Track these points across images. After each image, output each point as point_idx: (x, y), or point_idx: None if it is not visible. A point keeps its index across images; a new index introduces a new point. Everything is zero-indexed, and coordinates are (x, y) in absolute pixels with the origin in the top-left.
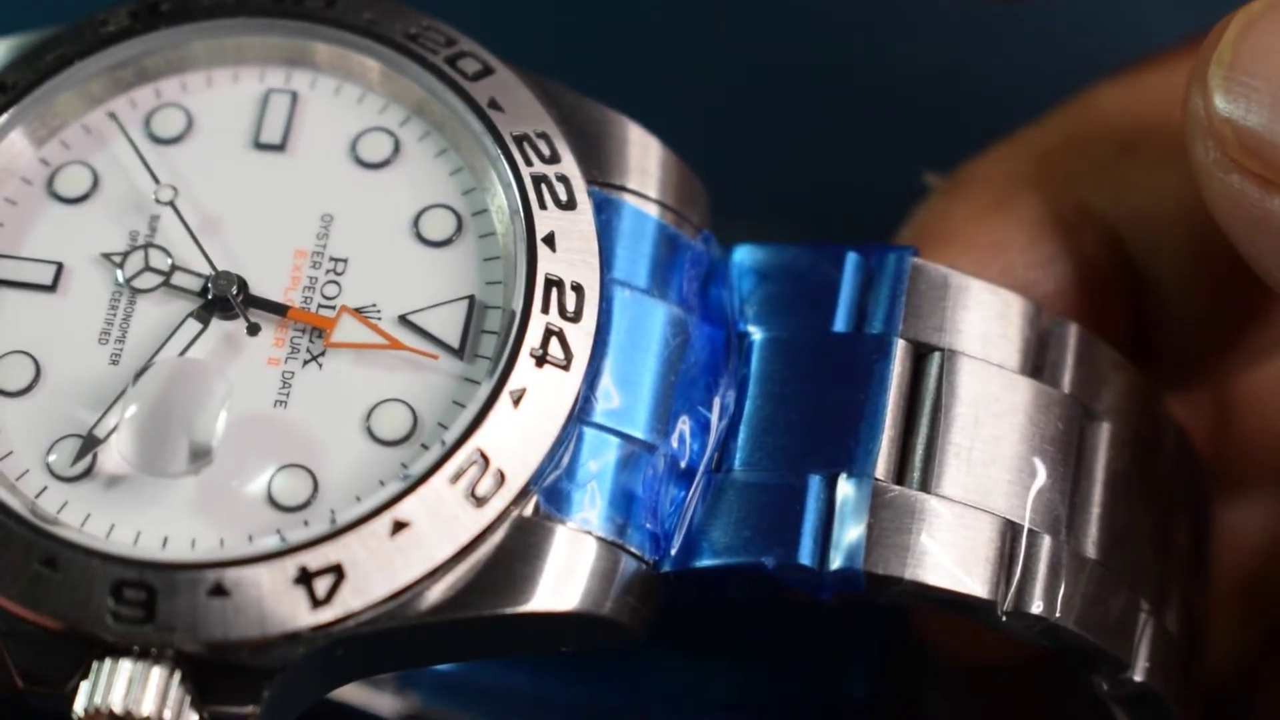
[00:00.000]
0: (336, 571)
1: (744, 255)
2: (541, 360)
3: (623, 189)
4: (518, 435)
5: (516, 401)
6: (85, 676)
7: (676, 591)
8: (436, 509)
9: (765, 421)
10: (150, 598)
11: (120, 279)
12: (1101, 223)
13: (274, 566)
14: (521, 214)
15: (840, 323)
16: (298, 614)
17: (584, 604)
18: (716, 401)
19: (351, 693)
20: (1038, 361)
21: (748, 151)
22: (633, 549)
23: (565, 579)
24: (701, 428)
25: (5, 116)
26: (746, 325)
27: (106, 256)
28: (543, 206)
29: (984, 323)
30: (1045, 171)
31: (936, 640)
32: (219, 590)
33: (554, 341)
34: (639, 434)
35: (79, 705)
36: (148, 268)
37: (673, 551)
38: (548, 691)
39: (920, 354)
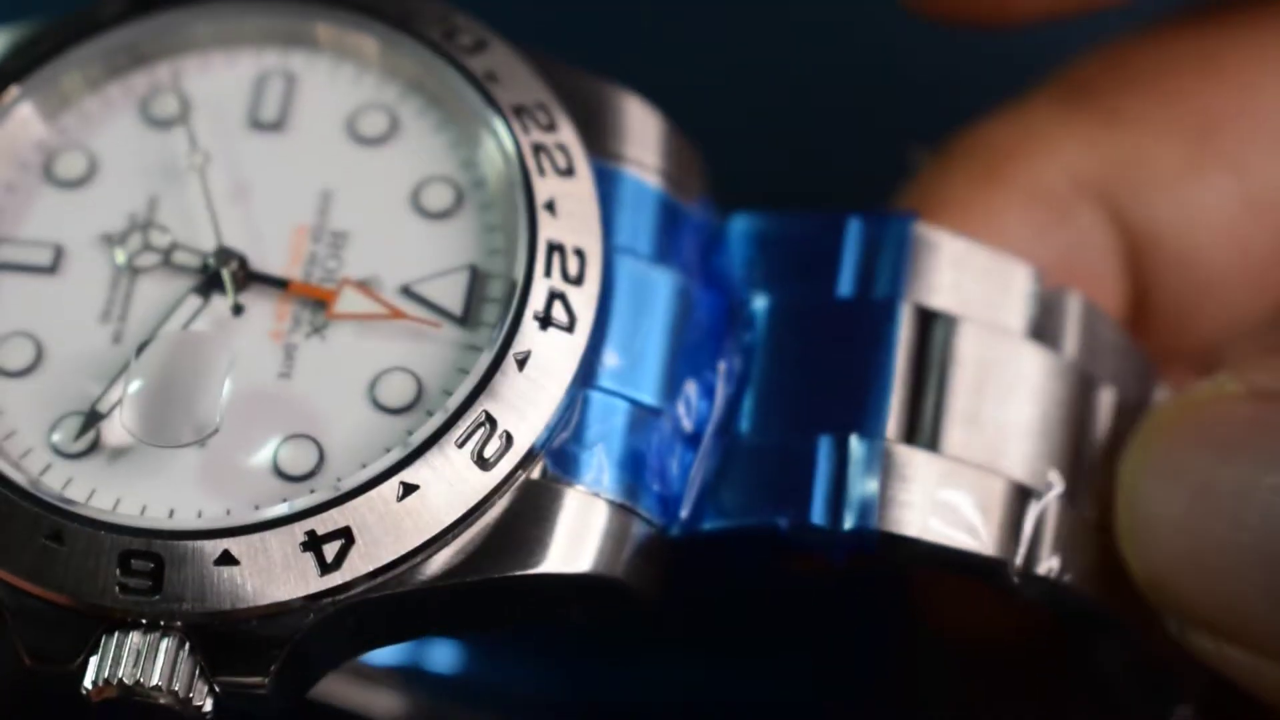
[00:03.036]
0: (345, 535)
1: (743, 224)
2: (545, 323)
3: (622, 158)
4: (523, 397)
5: (521, 364)
6: (94, 652)
7: (683, 569)
8: (444, 472)
9: (772, 386)
10: (158, 568)
11: (120, 258)
12: (1096, 189)
13: (282, 533)
14: (521, 182)
15: (845, 287)
16: (307, 580)
17: (596, 566)
18: (721, 367)
19: (354, 694)
20: (1041, 327)
21: (733, 134)
22: (643, 512)
23: (576, 541)
24: (707, 393)
25: (3, 102)
26: (749, 293)
27: (106, 237)
28: (542, 174)
29: (988, 288)
30: (1032, 141)
31: (936, 617)
32: (227, 558)
33: (557, 305)
34: (645, 398)
35: (88, 679)
36: (147, 247)
37: (682, 515)
38: (550, 692)
39: (926, 318)
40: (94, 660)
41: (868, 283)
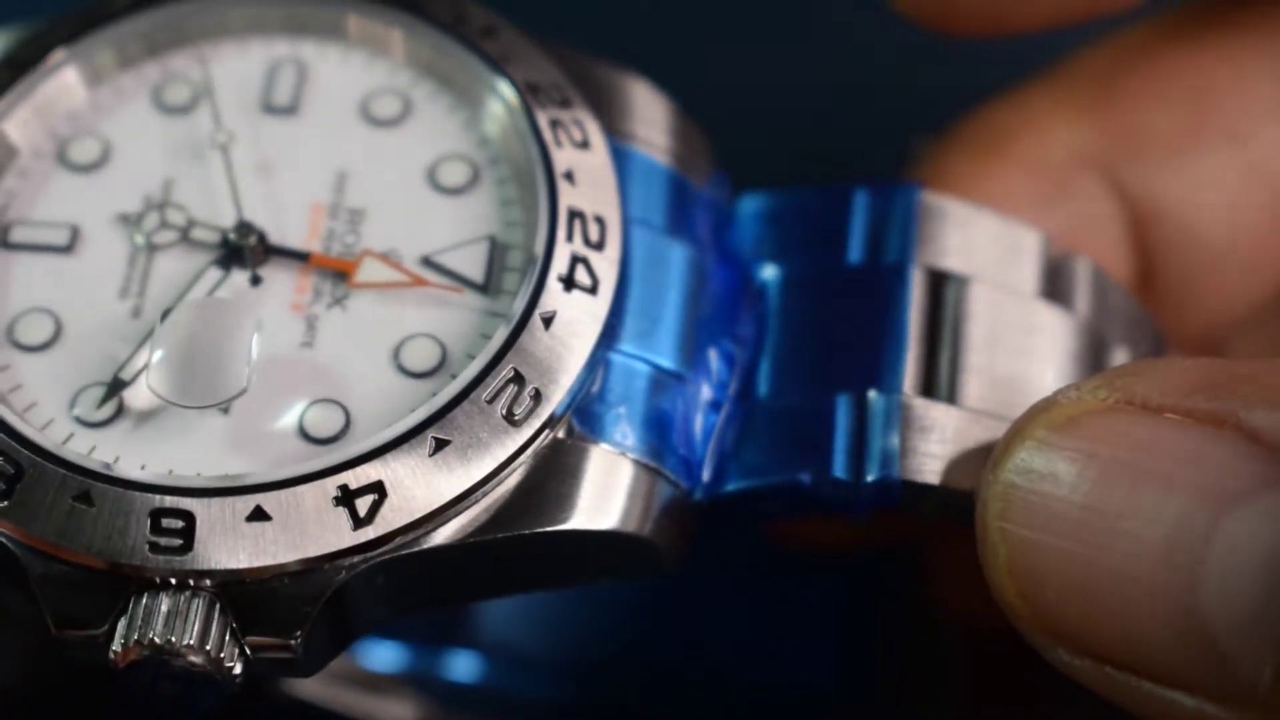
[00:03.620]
0: (377, 490)
1: (751, 203)
2: (569, 285)
3: (632, 137)
4: (551, 355)
5: (547, 323)
6: (123, 615)
7: (707, 525)
8: (475, 428)
9: (788, 352)
10: (188, 526)
11: (137, 237)
12: (1096, 161)
13: (314, 487)
14: (539, 154)
15: (855, 253)
16: (340, 534)
17: (623, 523)
18: (738, 335)
19: (363, 701)
20: (1051, 288)
21: (734, 133)
22: (668, 474)
23: (603, 498)
24: (725, 360)
25: (13, 93)
26: (761, 267)
27: (122, 217)
28: (559, 146)
29: (997, 250)
30: (1032, 120)
31: (948, 603)
32: (259, 514)
33: (580, 268)
34: (666, 363)
35: (116, 641)
36: (164, 225)
37: (705, 478)
38: (557, 697)
39: (937, 280)
40: (123, 622)
41: (877, 249)
